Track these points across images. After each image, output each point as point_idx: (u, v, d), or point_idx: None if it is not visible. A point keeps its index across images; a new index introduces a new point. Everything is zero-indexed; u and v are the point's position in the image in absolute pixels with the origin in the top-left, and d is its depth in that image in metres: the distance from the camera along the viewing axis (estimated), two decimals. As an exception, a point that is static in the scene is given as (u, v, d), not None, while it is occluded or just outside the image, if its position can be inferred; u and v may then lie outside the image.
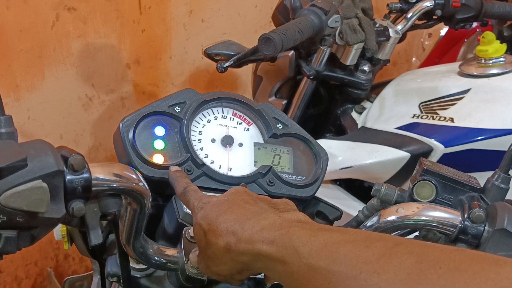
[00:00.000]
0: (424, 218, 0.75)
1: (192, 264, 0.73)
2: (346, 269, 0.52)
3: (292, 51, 1.55)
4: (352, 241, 0.55)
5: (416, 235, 0.81)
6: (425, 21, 1.68)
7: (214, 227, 0.63)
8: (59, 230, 0.89)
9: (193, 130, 0.87)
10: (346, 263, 0.52)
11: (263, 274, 0.77)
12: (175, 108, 0.86)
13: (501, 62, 1.51)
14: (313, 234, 0.57)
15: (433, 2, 1.60)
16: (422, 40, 2.38)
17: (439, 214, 0.75)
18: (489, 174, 0.80)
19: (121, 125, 0.83)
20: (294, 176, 0.89)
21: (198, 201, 0.69)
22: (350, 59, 1.51)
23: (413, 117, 1.48)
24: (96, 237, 0.66)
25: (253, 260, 0.61)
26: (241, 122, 0.91)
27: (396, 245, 0.52)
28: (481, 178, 0.81)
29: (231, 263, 0.63)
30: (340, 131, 1.64)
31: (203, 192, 0.72)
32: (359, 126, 1.59)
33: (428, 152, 1.39)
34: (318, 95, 1.66)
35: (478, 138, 1.38)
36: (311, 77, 1.53)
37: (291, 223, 0.60)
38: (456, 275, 0.47)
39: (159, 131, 0.84)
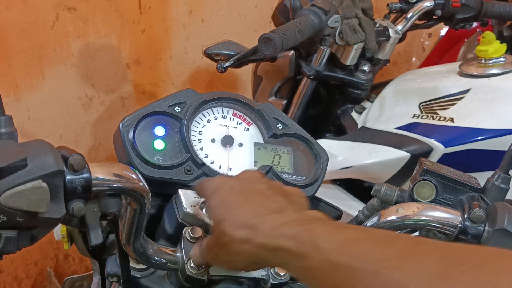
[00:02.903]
0: (424, 218, 0.75)
1: (199, 253, 0.72)
2: (368, 265, 0.52)
3: (292, 51, 1.55)
4: (373, 238, 0.55)
5: (416, 235, 0.81)
6: (425, 21, 1.68)
7: (232, 217, 0.63)
8: (59, 230, 0.89)
9: (193, 130, 0.87)
10: (368, 260, 0.52)
11: (264, 274, 0.77)
12: (175, 108, 0.86)
13: (501, 62, 1.51)
14: (334, 230, 0.58)
15: (433, 2, 1.59)
16: (422, 40, 2.38)
17: (439, 214, 0.75)
18: (489, 174, 0.80)
19: (121, 125, 0.83)
20: (294, 176, 0.89)
21: (210, 181, 0.70)
22: (350, 59, 1.51)
23: (413, 117, 1.48)
24: (96, 237, 0.66)
25: (271, 254, 0.61)
26: (241, 122, 0.91)
27: (417, 244, 0.52)
28: (481, 178, 0.81)
29: (247, 256, 0.63)
30: (340, 131, 1.64)
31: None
32: (359, 126, 1.59)
33: (428, 152, 1.39)
34: (318, 95, 1.66)
35: (478, 138, 1.38)
36: (311, 77, 1.53)
37: (312, 220, 0.61)
38: (479, 271, 0.47)
39: (159, 131, 0.84)
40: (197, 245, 0.73)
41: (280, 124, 0.91)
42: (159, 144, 0.84)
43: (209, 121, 0.89)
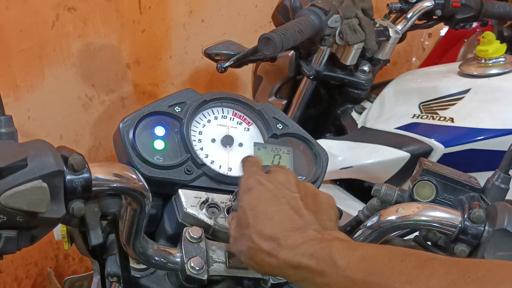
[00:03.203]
0: (424, 218, 0.75)
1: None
2: (382, 280, 0.56)
3: (292, 51, 1.55)
4: (387, 255, 0.59)
5: (416, 235, 0.81)
6: (425, 21, 1.68)
7: (260, 226, 0.67)
8: (59, 230, 0.88)
9: (193, 130, 0.87)
10: (382, 275, 0.56)
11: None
12: (175, 108, 0.86)
13: (501, 62, 1.51)
14: (351, 248, 0.61)
15: (433, 2, 1.59)
16: (422, 40, 2.38)
17: (439, 214, 0.75)
18: (489, 174, 0.80)
19: (121, 125, 0.83)
20: (294, 176, 0.89)
21: (247, 179, 0.72)
22: (350, 59, 1.51)
23: (413, 117, 1.48)
24: (96, 237, 0.66)
25: (291, 271, 0.64)
26: (241, 122, 0.91)
27: (429, 259, 0.56)
28: (481, 178, 0.81)
29: (269, 267, 0.66)
30: (340, 131, 1.64)
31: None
32: (359, 126, 1.59)
33: (428, 152, 1.39)
34: (318, 95, 1.66)
35: (478, 138, 1.38)
36: (311, 77, 1.53)
37: (332, 239, 0.64)
38: (484, 282, 0.50)
39: (159, 131, 0.84)
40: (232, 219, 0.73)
41: (280, 124, 0.91)
42: (159, 144, 0.83)
43: (209, 121, 0.89)
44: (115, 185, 0.65)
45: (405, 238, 0.86)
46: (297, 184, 0.72)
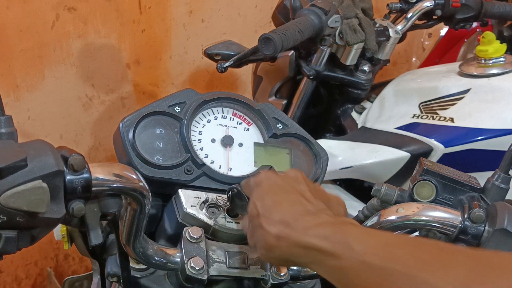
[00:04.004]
0: (424, 218, 0.75)
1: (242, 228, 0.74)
2: (401, 267, 0.55)
3: (292, 51, 1.55)
4: (405, 243, 0.58)
5: (416, 235, 0.81)
6: (425, 21, 1.68)
7: (268, 213, 0.66)
8: (59, 230, 0.89)
9: (193, 130, 0.87)
10: (401, 262, 0.55)
11: (264, 274, 0.78)
12: (175, 108, 0.86)
13: (501, 62, 1.51)
14: (368, 233, 0.61)
15: (433, 2, 1.59)
16: (422, 40, 2.38)
17: (439, 214, 0.75)
18: (489, 174, 0.80)
19: (121, 125, 0.83)
20: (294, 176, 0.89)
21: (255, 176, 0.73)
22: (350, 59, 1.51)
23: (413, 117, 1.48)
24: (96, 237, 0.66)
25: (304, 252, 0.63)
26: (241, 122, 0.91)
27: (449, 248, 0.56)
28: (481, 178, 0.81)
29: (280, 252, 0.65)
30: (340, 131, 1.64)
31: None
32: (359, 126, 1.59)
33: (428, 152, 1.39)
34: (318, 95, 1.66)
35: (478, 138, 1.38)
36: (311, 77, 1.53)
37: (345, 223, 0.64)
38: (504, 272, 0.50)
39: (159, 131, 0.84)
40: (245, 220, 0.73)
41: (280, 124, 0.92)
42: (159, 144, 0.83)
43: (209, 121, 0.89)
44: (115, 185, 0.65)
45: (405, 238, 0.86)
46: (306, 180, 0.73)
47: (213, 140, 0.88)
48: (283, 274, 0.78)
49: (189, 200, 0.80)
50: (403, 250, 0.57)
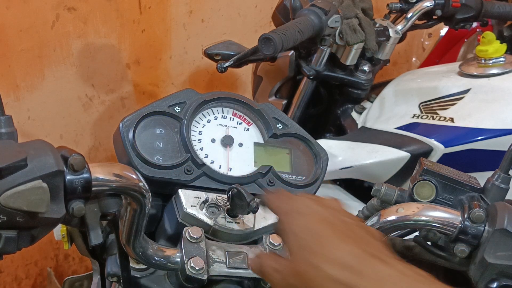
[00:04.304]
0: (424, 218, 0.75)
1: (274, 269, 0.64)
2: None
3: (292, 51, 1.55)
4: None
5: (416, 235, 0.81)
6: (425, 21, 1.68)
7: (327, 253, 0.58)
8: (59, 230, 0.89)
9: (193, 130, 0.87)
10: None
11: None
12: (175, 108, 0.86)
13: (501, 62, 1.51)
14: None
15: (433, 2, 1.59)
16: (422, 40, 2.38)
17: (439, 214, 0.75)
18: (489, 174, 0.80)
19: (121, 125, 0.83)
20: (294, 176, 0.89)
21: (289, 199, 0.65)
22: (350, 59, 1.51)
23: (413, 117, 1.48)
24: (96, 237, 0.66)
25: None
26: (241, 122, 0.91)
27: None
28: (481, 178, 0.81)
29: None
30: (340, 131, 1.64)
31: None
32: (359, 126, 1.59)
33: (428, 152, 1.39)
34: (318, 95, 1.66)
35: (478, 138, 1.38)
36: (311, 77, 1.53)
37: (416, 275, 0.57)
38: None
39: (159, 131, 0.84)
40: (272, 258, 0.65)
41: (280, 124, 0.91)
42: (159, 144, 0.83)
43: (209, 121, 0.89)
44: (115, 185, 0.65)
45: (405, 238, 0.86)
46: (344, 209, 0.66)
47: (213, 140, 0.88)
48: (283, 274, 0.78)
49: (189, 200, 0.80)
50: None
